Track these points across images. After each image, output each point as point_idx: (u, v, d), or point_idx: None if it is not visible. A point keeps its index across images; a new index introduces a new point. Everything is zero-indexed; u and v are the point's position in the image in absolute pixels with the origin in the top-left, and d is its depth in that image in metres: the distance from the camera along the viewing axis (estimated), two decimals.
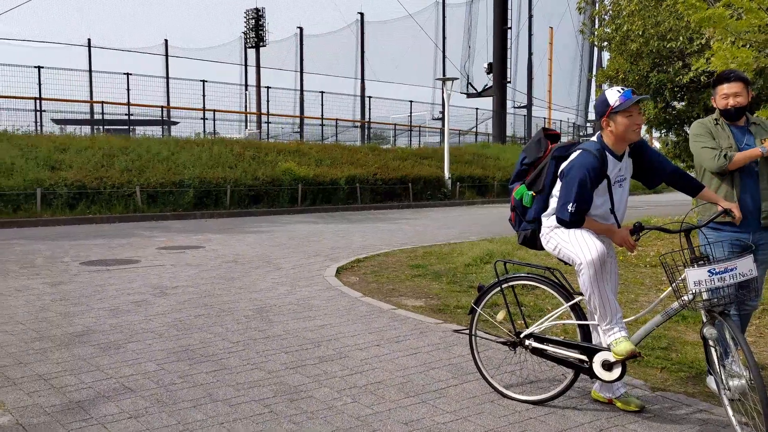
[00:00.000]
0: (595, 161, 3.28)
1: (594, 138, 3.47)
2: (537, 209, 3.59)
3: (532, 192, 3.59)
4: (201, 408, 3.49)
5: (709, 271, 3.10)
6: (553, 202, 3.48)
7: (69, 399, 3.60)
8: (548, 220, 3.51)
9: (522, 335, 3.65)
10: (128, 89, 26.67)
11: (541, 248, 3.65)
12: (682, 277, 3.24)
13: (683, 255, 3.27)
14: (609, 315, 3.30)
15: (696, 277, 3.12)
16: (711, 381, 3.81)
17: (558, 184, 3.44)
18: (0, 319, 5.44)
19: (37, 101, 24.36)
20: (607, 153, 3.36)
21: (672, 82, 9.62)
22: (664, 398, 3.70)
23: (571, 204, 3.28)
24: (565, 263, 3.53)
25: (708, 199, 3.58)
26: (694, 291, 3.13)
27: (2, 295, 6.40)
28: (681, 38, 8.83)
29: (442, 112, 31.00)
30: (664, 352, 4.55)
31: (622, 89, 3.33)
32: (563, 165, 3.41)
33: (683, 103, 10.46)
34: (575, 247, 3.31)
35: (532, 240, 3.66)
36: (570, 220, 3.31)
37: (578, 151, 3.37)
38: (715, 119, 3.81)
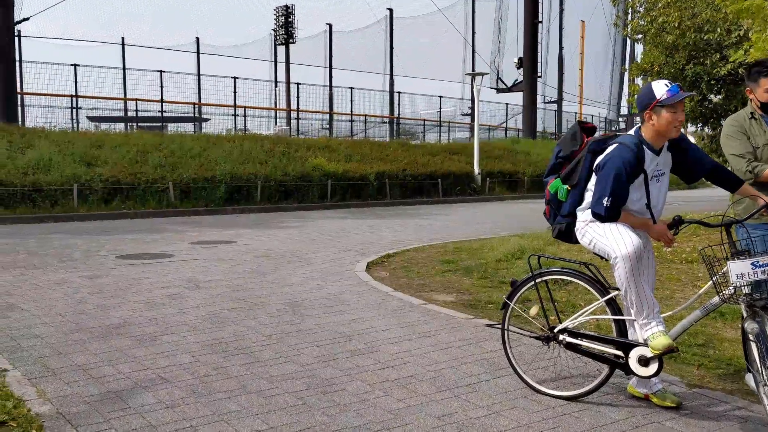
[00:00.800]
0: (632, 155, 3.23)
1: (631, 131, 3.41)
2: (572, 203, 3.55)
3: (567, 186, 3.55)
4: (235, 399, 3.53)
5: (752, 263, 3.04)
6: (589, 196, 3.44)
7: (107, 389, 3.67)
8: (583, 214, 3.47)
9: (556, 330, 3.62)
10: (161, 86, 27.08)
11: (576, 242, 3.61)
12: (723, 270, 3.19)
13: (723, 249, 3.21)
14: (646, 309, 3.25)
15: (739, 269, 3.06)
16: (750, 378, 3.72)
17: (593, 178, 3.39)
18: (40, 311, 5.58)
19: (73, 98, 24.89)
20: (645, 147, 3.30)
21: (709, 75, 9.42)
22: (701, 395, 3.64)
23: (606, 198, 3.24)
24: (601, 257, 3.49)
25: (748, 194, 3.49)
26: (736, 284, 3.07)
27: (42, 288, 6.55)
28: (718, 30, 8.63)
29: (472, 108, 30.83)
30: (701, 348, 4.47)
31: (669, 83, 3.25)
32: (599, 158, 3.36)
33: (720, 97, 10.23)
34: (611, 241, 3.27)
35: (567, 234, 3.62)
36: (605, 215, 3.27)
37: (615, 145, 3.32)
38: (751, 113, 3.68)
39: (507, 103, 39.15)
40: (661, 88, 3.23)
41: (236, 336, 4.80)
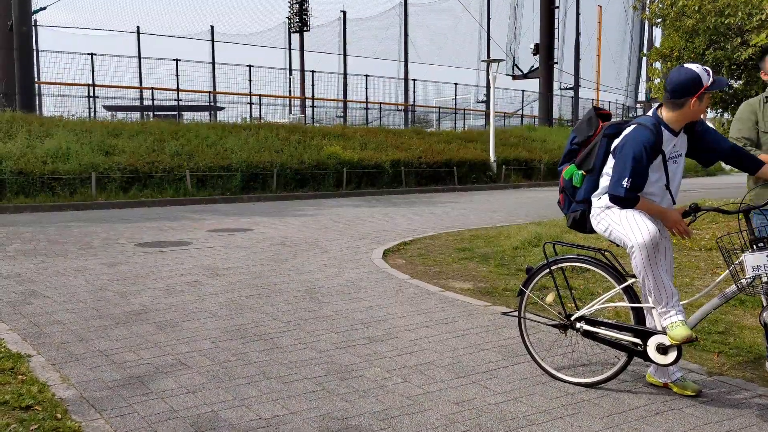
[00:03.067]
0: (651, 135, 3.19)
1: (649, 113, 3.38)
2: (587, 189, 3.52)
3: (582, 171, 3.52)
4: (255, 385, 3.57)
5: None
6: (604, 182, 3.41)
7: (129, 374, 3.73)
8: (598, 201, 3.44)
9: (573, 318, 3.61)
10: (177, 75, 27.17)
11: (591, 231, 3.58)
12: (739, 260, 3.15)
13: (741, 237, 3.18)
14: (665, 298, 3.22)
15: (755, 262, 3.03)
16: None
17: (610, 162, 3.36)
18: (62, 297, 5.65)
19: (90, 88, 25.04)
20: (663, 128, 3.26)
21: (729, 60, 9.27)
22: (721, 383, 3.62)
23: (626, 179, 3.19)
24: (618, 245, 3.47)
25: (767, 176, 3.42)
26: (752, 276, 3.04)
27: (63, 275, 6.64)
28: (740, 13, 8.49)
29: (487, 95, 30.65)
30: (721, 336, 4.44)
31: (704, 68, 3.20)
32: (616, 141, 3.33)
33: (741, 82, 10.08)
34: (627, 228, 3.24)
35: (582, 222, 3.59)
36: (625, 196, 3.21)
37: (633, 126, 3.29)
38: (766, 97, 3.64)
39: (523, 90, 38.84)
40: (705, 75, 3.15)
41: (255, 322, 4.84)
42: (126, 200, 14.73)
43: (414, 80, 34.70)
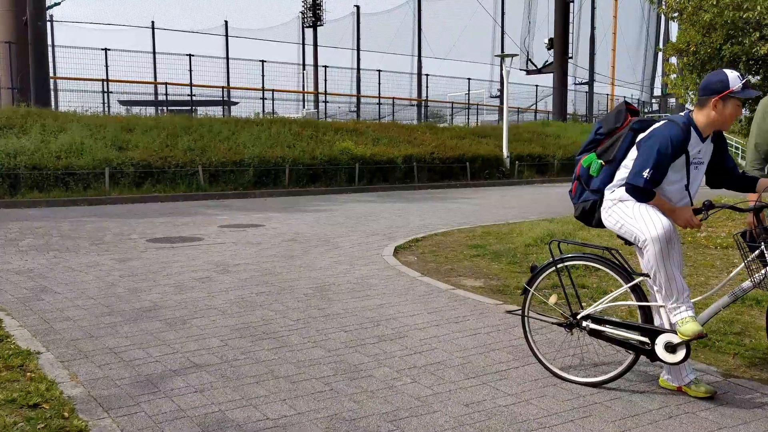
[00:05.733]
0: (681, 132, 3.16)
1: (681, 113, 3.34)
2: (603, 179, 3.48)
3: (601, 161, 3.48)
4: (263, 384, 3.54)
5: None
6: (620, 174, 3.38)
7: (138, 372, 3.72)
8: (612, 193, 3.40)
9: (579, 316, 3.56)
10: (190, 70, 27.23)
11: (597, 225, 3.54)
12: (756, 254, 3.11)
13: (756, 234, 3.14)
14: (675, 293, 3.18)
15: None
16: None
17: (631, 155, 3.33)
18: (72, 293, 5.67)
19: (104, 83, 25.17)
20: (693, 129, 3.23)
21: (747, 55, 9.12)
22: (736, 385, 3.55)
23: (647, 170, 3.16)
24: (626, 242, 3.42)
25: (765, 184, 3.37)
26: None
27: (75, 271, 6.66)
28: (758, 8, 8.34)
29: (501, 90, 30.46)
30: (736, 337, 4.36)
31: (741, 75, 3.18)
32: (643, 134, 3.30)
33: (759, 77, 9.92)
34: (640, 222, 3.20)
35: (591, 214, 3.55)
36: (644, 187, 3.18)
37: (663, 121, 3.26)
38: None
39: (537, 85, 38.61)
40: (735, 79, 3.14)
41: (264, 320, 4.82)
42: (139, 195, 14.79)
43: (427, 75, 34.58)
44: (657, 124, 3.27)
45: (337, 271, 6.66)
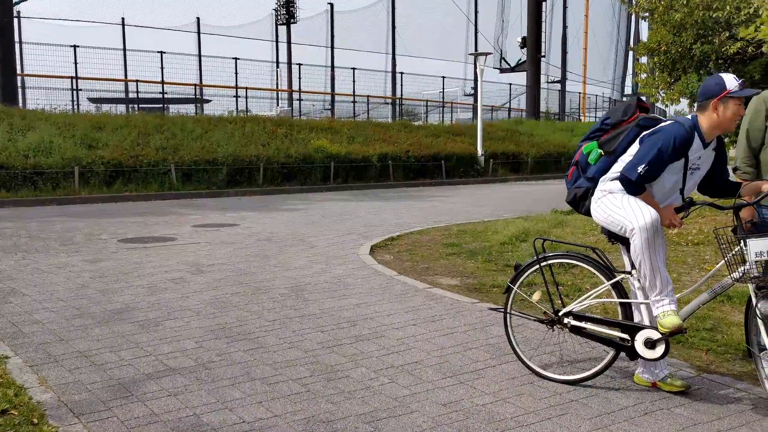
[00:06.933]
0: (685, 133, 3.21)
1: (688, 116, 3.38)
2: (600, 169, 3.52)
3: (601, 151, 3.52)
4: (239, 386, 3.49)
5: None
6: (617, 167, 3.42)
7: (109, 376, 3.64)
8: (605, 184, 3.44)
9: (561, 313, 3.59)
10: (162, 68, 26.88)
11: (585, 213, 3.57)
12: (736, 249, 3.16)
13: (739, 230, 3.19)
14: (659, 284, 3.22)
15: (758, 247, 3.03)
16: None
17: (631, 150, 3.36)
18: (41, 296, 5.54)
19: (74, 80, 24.71)
20: (697, 134, 3.27)
21: (717, 54, 9.25)
22: (710, 380, 3.59)
23: (643, 166, 3.21)
24: (610, 239, 3.44)
25: (750, 189, 3.43)
26: (754, 261, 3.04)
27: (44, 272, 6.52)
28: (728, 7, 8.45)
29: (475, 88, 30.57)
30: (709, 333, 4.42)
31: (738, 79, 3.25)
32: (647, 131, 3.34)
33: None
34: (628, 212, 3.25)
35: (582, 200, 3.59)
36: (636, 181, 3.23)
37: (671, 121, 3.30)
38: None
39: (510, 84, 38.84)
40: (731, 81, 3.20)
41: (239, 321, 4.76)
42: (110, 195, 14.54)
43: (402, 73, 34.57)
44: (664, 123, 3.32)
45: (313, 271, 6.62)
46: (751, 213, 3.63)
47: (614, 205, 3.33)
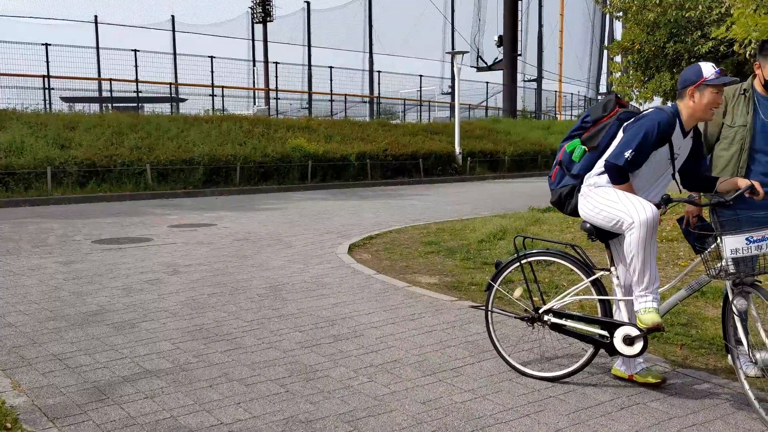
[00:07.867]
0: (668, 117, 3.25)
1: (669, 104, 3.42)
2: (584, 165, 3.53)
3: (584, 147, 3.54)
4: (217, 388, 3.46)
5: (747, 238, 3.04)
6: (601, 162, 3.43)
7: (84, 379, 3.58)
8: (591, 179, 3.45)
9: (541, 311, 3.61)
10: (136, 66, 26.54)
11: (572, 213, 3.57)
12: (712, 246, 3.20)
13: (715, 227, 3.24)
14: (647, 281, 3.23)
15: (733, 244, 3.06)
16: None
17: (615, 142, 3.38)
18: (14, 298, 5.44)
19: (45, 79, 24.29)
20: (678, 121, 3.31)
21: (689, 53, 9.39)
22: (685, 375, 3.64)
23: (630, 151, 3.22)
24: (590, 237, 3.45)
25: (730, 186, 3.46)
26: (729, 258, 3.07)
27: (16, 275, 6.40)
28: (700, 7, 8.59)
29: (452, 87, 30.68)
30: (684, 328, 4.49)
31: (715, 66, 3.28)
32: (630, 120, 3.37)
33: None
34: (628, 206, 3.22)
35: (567, 199, 3.58)
36: (623, 166, 3.24)
37: (652, 109, 3.34)
38: (745, 89, 3.63)
39: (487, 82, 39.03)
40: (709, 69, 3.23)
41: (217, 322, 4.72)
42: (83, 195, 14.33)
43: (379, 72, 34.58)
44: (646, 111, 3.36)
45: (291, 271, 6.59)
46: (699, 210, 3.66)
47: (608, 200, 3.31)
